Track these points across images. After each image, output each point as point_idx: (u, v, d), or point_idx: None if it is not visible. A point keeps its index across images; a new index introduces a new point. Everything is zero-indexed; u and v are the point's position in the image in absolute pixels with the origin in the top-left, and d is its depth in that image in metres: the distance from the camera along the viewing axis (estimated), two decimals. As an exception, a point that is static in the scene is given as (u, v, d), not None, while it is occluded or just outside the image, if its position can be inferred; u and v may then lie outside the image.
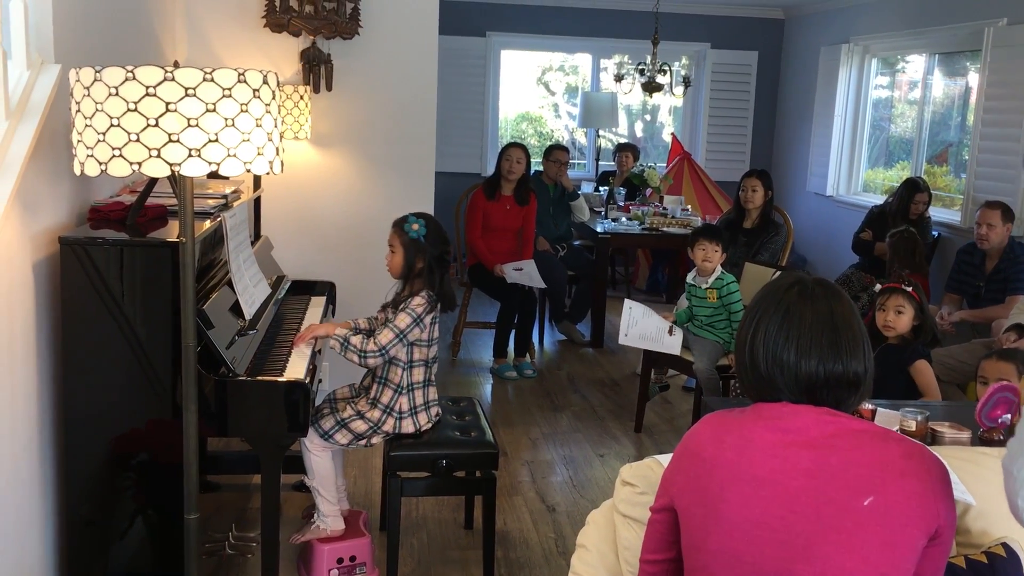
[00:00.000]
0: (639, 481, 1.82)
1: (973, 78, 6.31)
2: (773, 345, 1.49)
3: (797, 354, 1.47)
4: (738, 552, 1.43)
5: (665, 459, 1.85)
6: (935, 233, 6.10)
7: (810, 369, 1.47)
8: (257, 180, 3.82)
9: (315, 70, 4.21)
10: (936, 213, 6.41)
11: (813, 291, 1.51)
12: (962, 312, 4.74)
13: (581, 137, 9.12)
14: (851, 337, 1.48)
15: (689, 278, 4.33)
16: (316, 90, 4.23)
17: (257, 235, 3.84)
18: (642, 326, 4.25)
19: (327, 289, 3.75)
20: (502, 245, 5.54)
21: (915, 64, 7.10)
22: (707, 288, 4.21)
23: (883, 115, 7.58)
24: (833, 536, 1.37)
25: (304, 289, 3.72)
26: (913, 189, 5.82)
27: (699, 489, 1.49)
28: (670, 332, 4.24)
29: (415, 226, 2.93)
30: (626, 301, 4.36)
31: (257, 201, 3.88)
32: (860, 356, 1.49)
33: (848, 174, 7.65)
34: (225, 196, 3.11)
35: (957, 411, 2.62)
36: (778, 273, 3.88)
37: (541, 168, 6.24)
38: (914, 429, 2.34)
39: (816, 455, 1.42)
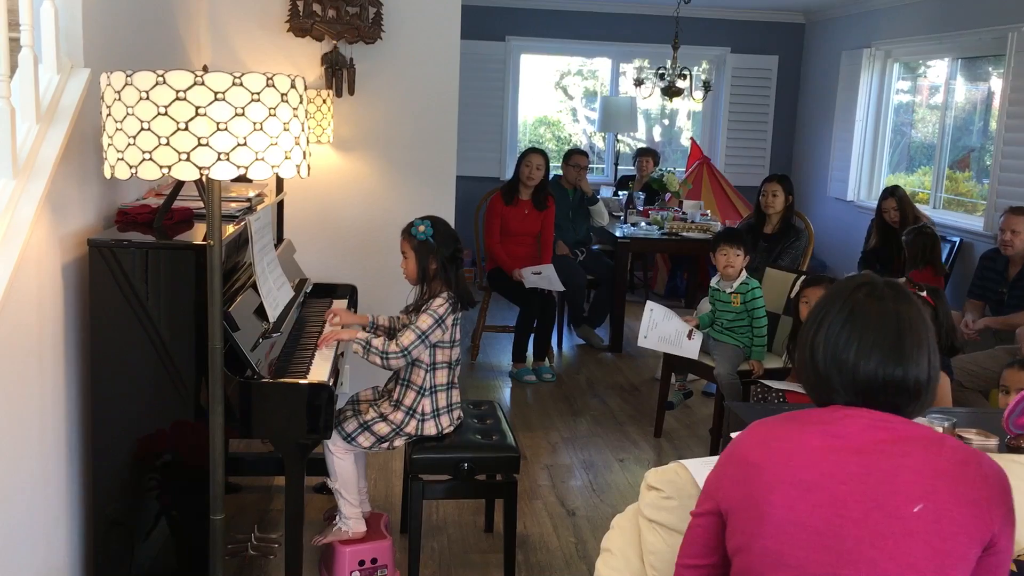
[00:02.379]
0: (665, 486, 1.82)
1: (996, 83, 6.27)
2: (834, 344, 1.47)
3: (857, 354, 1.44)
4: (783, 554, 1.42)
5: (691, 464, 1.85)
6: (956, 238, 6.06)
7: (868, 371, 1.44)
8: (280, 184, 3.85)
9: (337, 74, 4.23)
10: (958, 219, 6.37)
11: (882, 292, 1.48)
12: (985, 319, 4.71)
13: (599, 141, 9.12)
14: (916, 342, 1.45)
15: (713, 282, 4.32)
16: (339, 94, 4.25)
17: (280, 238, 3.86)
18: (662, 329, 4.23)
19: (348, 292, 3.77)
20: (521, 250, 5.55)
21: (937, 69, 7.07)
22: (731, 292, 4.20)
23: (904, 120, 7.54)
24: (880, 542, 1.36)
25: (326, 292, 3.74)
26: (880, 198, 5.80)
27: (745, 492, 1.48)
28: (689, 336, 4.23)
29: (421, 228, 2.95)
30: (647, 303, 4.35)
31: (280, 204, 3.91)
32: (924, 363, 1.45)
33: (869, 179, 7.62)
34: (249, 199, 3.13)
35: (984, 418, 2.60)
36: (803, 278, 3.85)
37: (560, 172, 6.25)
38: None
39: (866, 460, 1.40)
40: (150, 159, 1.93)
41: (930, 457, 1.39)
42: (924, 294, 3.31)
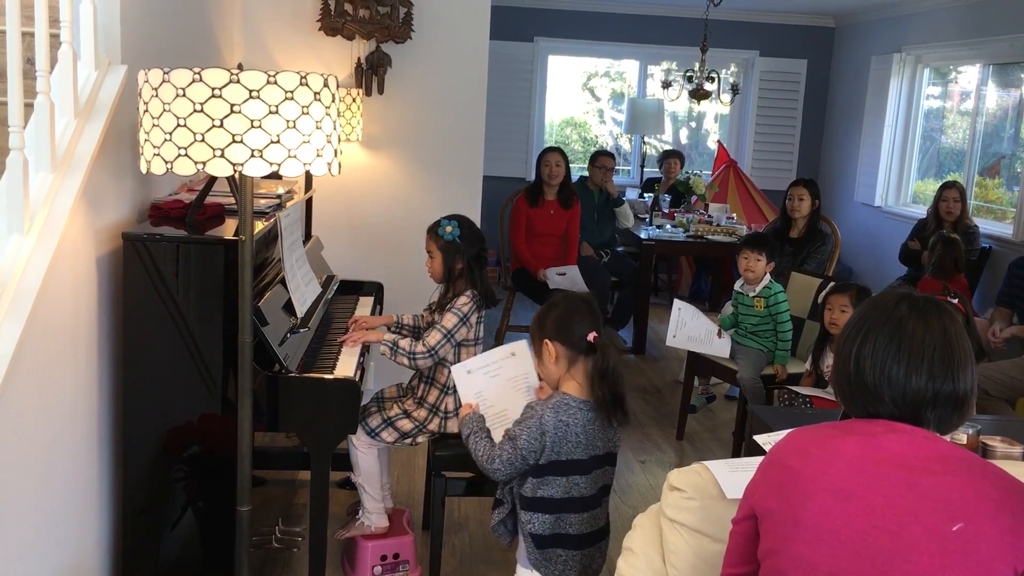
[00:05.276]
0: (687, 486, 1.83)
1: (1028, 89, 6.22)
2: (882, 358, 1.47)
3: (907, 369, 1.45)
4: (815, 560, 1.42)
5: (714, 465, 1.87)
6: (985, 245, 6.01)
7: (919, 385, 1.45)
8: (309, 181, 3.89)
9: (367, 73, 4.27)
10: (988, 226, 6.32)
11: (925, 308, 1.49)
12: (1013, 328, 4.67)
13: (625, 143, 9.11)
14: (963, 356, 1.46)
15: (737, 286, 4.32)
16: (368, 93, 4.28)
17: (308, 235, 3.90)
18: (691, 328, 4.23)
19: (375, 290, 3.81)
20: (546, 250, 5.56)
21: (968, 74, 7.01)
22: (754, 296, 4.19)
23: (934, 126, 7.48)
24: (915, 556, 1.35)
25: (352, 289, 3.78)
26: (942, 188, 5.77)
27: (782, 496, 1.48)
28: (719, 335, 4.23)
29: (448, 228, 2.97)
30: (676, 302, 4.33)
31: (309, 202, 3.95)
32: (969, 376, 1.47)
33: (897, 185, 7.57)
34: (279, 196, 3.17)
35: (1009, 426, 2.59)
36: (832, 284, 3.84)
37: (586, 174, 6.26)
38: (965, 443, 2.32)
39: (907, 475, 1.40)
40: (185, 155, 1.96)
41: (974, 479, 1.38)
42: (956, 301, 3.30)
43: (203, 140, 1.95)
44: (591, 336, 2.33)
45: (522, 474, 2.35)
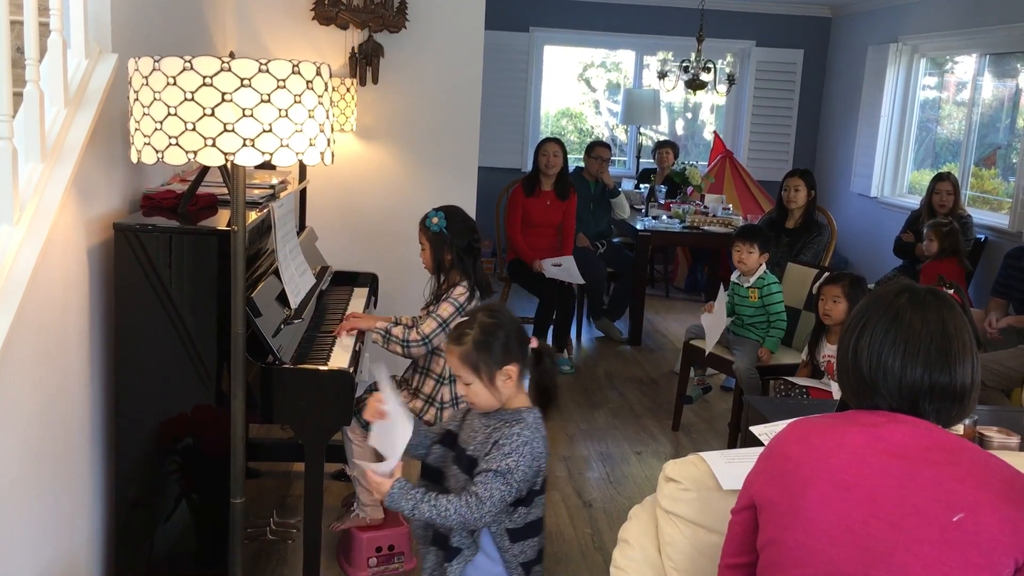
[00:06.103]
0: (683, 478, 1.82)
1: (1024, 79, 6.21)
2: (878, 349, 1.46)
3: (903, 361, 1.44)
4: (814, 550, 1.41)
5: (709, 456, 1.85)
6: (981, 235, 6.00)
7: (915, 377, 1.44)
8: (303, 171, 3.87)
9: (362, 63, 4.24)
10: (984, 216, 6.31)
11: (924, 299, 1.48)
12: (1009, 318, 4.66)
13: (621, 134, 9.09)
14: (961, 348, 1.45)
15: (733, 277, 4.32)
16: (362, 83, 4.26)
17: (302, 226, 3.88)
18: (716, 320, 4.24)
19: (369, 280, 3.79)
20: (542, 241, 5.54)
21: (964, 65, 6.99)
22: (749, 288, 4.19)
23: (930, 116, 7.47)
24: (916, 547, 1.34)
25: (347, 280, 3.76)
26: (935, 180, 5.76)
27: (782, 486, 1.48)
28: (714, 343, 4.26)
29: (435, 220, 2.97)
30: (722, 291, 4.34)
31: (303, 192, 3.93)
32: (968, 368, 1.45)
33: (893, 175, 7.56)
34: (272, 186, 3.15)
35: (1005, 416, 2.59)
36: (826, 275, 3.83)
37: (582, 164, 6.24)
38: (962, 433, 2.31)
39: (908, 465, 1.39)
40: (176, 144, 1.94)
41: (976, 469, 1.37)
42: (952, 292, 3.28)
43: (194, 129, 1.93)
44: (534, 343, 2.11)
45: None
